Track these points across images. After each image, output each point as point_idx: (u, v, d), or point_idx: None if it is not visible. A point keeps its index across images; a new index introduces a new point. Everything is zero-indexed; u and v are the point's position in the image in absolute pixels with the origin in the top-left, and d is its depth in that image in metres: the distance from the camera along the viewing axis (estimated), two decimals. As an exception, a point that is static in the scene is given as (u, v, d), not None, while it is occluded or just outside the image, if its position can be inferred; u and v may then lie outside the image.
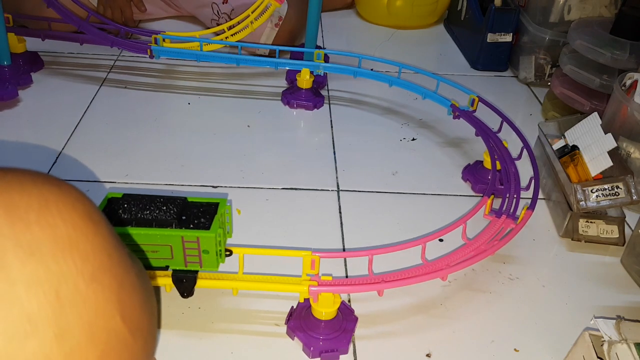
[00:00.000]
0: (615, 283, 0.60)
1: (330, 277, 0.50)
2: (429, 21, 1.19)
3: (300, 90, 0.87)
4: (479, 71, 1.02)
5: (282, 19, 0.95)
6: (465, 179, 0.73)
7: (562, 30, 0.92)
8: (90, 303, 0.23)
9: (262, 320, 0.53)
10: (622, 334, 0.43)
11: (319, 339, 0.49)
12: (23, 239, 0.22)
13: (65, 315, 0.22)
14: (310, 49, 0.87)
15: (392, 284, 0.50)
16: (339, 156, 0.77)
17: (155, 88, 0.90)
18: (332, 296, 0.49)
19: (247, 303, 0.54)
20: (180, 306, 0.53)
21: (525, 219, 0.59)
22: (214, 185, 0.70)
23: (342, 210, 0.68)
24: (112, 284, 0.25)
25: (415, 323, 0.54)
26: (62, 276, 0.22)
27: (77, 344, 0.22)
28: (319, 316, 0.50)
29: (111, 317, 0.24)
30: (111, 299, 0.24)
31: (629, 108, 0.68)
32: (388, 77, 0.82)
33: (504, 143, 0.70)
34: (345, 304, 0.53)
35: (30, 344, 0.21)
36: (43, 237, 0.22)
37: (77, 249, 0.23)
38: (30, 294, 0.21)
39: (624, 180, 0.62)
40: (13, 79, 0.84)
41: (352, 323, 0.51)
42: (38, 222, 0.22)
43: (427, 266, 0.53)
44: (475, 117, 0.75)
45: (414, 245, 0.55)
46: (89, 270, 0.24)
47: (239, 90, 0.91)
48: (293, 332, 0.51)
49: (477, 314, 0.55)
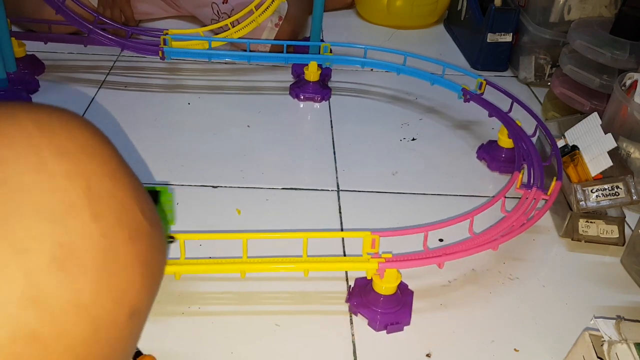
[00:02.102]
0: (615, 283, 0.60)
1: (390, 254, 0.53)
2: (429, 21, 1.18)
3: (308, 83, 0.88)
4: (479, 71, 1.02)
5: (282, 19, 0.96)
6: (481, 158, 0.77)
7: (562, 30, 0.92)
8: (116, 195, 0.27)
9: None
10: (622, 334, 0.43)
11: (381, 312, 0.53)
12: (54, 142, 0.25)
13: (97, 203, 0.26)
14: (316, 43, 0.88)
15: (452, 257, 0.53)
16: (339, 156, 0.77)
17: (156, 88, 0.90)
18: (395, 272, 0.52)
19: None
20: (180, 305, 0.54)
21: (556, 189, 0.62)
22: (214, 185, 0.70)
23: (342, 210, 0.68)
24: (130, 182, 0.28)
25: (415, 323, 0.54)
26: (90, 173, 0.26)
27: (110, 226, 0.26)
28: (382, 291, 0.52)
29: (133, 209, 0.27)
30: (132, 196, 0.28)
31: (629, 108, 0.68)
32: (395, 65, 0.84)
33: (517, 122, 0.73)
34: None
35: (74, 222, 0.24)
36: (68, 142, 0.26)
37: (98, 153, 0.27)
38: (68, 185, 0.25)
39: (624, 180, 0.62)
40: (21, 84, 0.83)
41: (410, 296, 0.54)
42: (61, 132, 0.26)
43: (478, 238, 0.57)
44: (485, 99, 0.78)
45: (464, 219, 0.57)
46: (110, 169, 0.27)
47: (244, 86, 0.91)
48: (356, 309, 0.53)
49: (477, 314, 0.55)
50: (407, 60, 0.84)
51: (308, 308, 0.55)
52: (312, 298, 0.56)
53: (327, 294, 0.57)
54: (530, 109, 0.75)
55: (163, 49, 0.83)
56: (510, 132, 0.73)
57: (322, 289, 0.57)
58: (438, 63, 0.83)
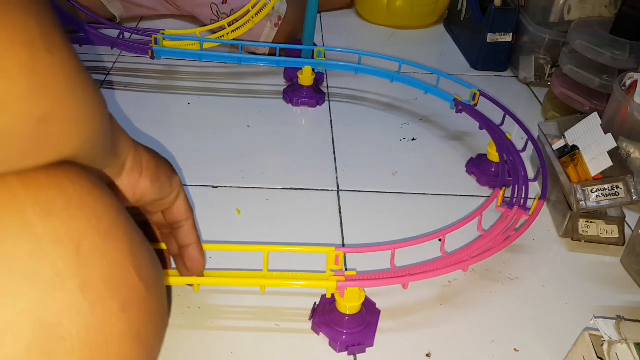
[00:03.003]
0: (615, 283, 0.60)
1: (354, 272, 0.51)
2: (429, 21, 1.18)
3: (302, 88, 0.87)
4: (479, 71, 1.02)
5: (281, 19, 0.95)
6: (470, 172, 0.74)
7: (562, 30, 0.92)
8: (108, 257, 0.24)
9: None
10: (622, 334, 0.43)
11: (344, 332, 0.50)
12: (39, 199, 0.23)
13: (87, 269, 0.23)
14: (309, 47, 0.87)
15: (417, 277, 0.51)
16: (339, 156, 0.77)
17: (155, 89, 0.90)
18: (358, 291, 0.50)
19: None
20: (180, 306, 0.54)
21: (538, 208, 0.60)
22: (214, 185, 0.70)
23: (342, 210, 0.68)
24: (125, 239, 0.26)
25: (415, 323, 0.54)
26: (80, 232, 0.23)
27: (100, 296, 0.23)
28: (344, 310, 0.50)
29: (128, 271, 0.25)
30: (126, 253, 0.25)
31: (629, 108, 0.68)
32: (389, 73, 0.83)
33: (508, 135, 0.71)
34: (368, 298, 0.54)
35: (59, 296, 0.22)
36: (56, 197, 0.23)
37: (89, 207, 0.24)
38: (55, 250, 0.22)
39: (624, 180, 0.62)
40: None
41: (376, 316, 0.52)
42: (49, 184, 0.23)
43: (448, 258, 0.55)
44: (477, 110, 0.76)
45: (433, 238, 0.56)
46: (103, 225, 0.25)
47: (239, 89, 0.91)
48: (319, 328, 0.52)
49: (477, 314, 0.55)
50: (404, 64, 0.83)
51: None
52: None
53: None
54: (522, 123, 0.73)
55: (153, 48, 0.83)
56: (498, 147, 0.70)
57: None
58: (433, 72, 0.81)
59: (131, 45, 0.85)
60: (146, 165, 0.34)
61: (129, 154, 0.32)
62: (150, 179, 0.35)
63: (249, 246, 0.55)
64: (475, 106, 0.77)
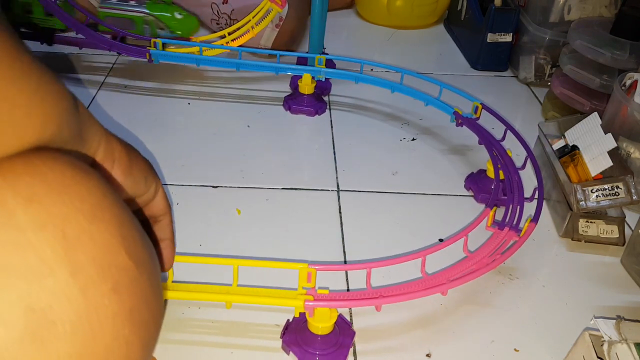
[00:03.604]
0: (615, 283, 0.60)
1: (327, 290, 0.49)
2: (429, 21, 1.18)
3: (302, 96, 0.86)
4: (479, 71, 1.02)
5: (282, 20, 0.95)
6: (468, 188, 0.72)
7: (562, 30, 0.92)
8: (96, 239, 0.24)
9: (255, 334, 0.52)
10: (622, 334, 0.43)
11: (315, 354, 0.48)
12: (18, 187, 0.23)
13: (75, 253, 0.23)
14: (312, 54, 0.86)
15: (390, 299, 0.49)
16: (339, 156, 0.77)
17: (155, 91, 0.90)
18: (328, 311, 0.48)
19: (242, 315, 0.54)
20: (176, 311, 0.54)
21: (529, 231, 0.57)
22: (214, 185, 0.70)
23: (342, 210, 0.68)
24: (113, 220, 0.25)
25: (415, 323, 0.54)
26: (63, 217, 0.23)
27: (90, 279, 0.23)
28: (315, 331, 0.49)
29: (117, 253, 0.25)
30: (115, 235, 0.25)
31: (629, 108, 0.68)
32: (390, 82, 0.81)
33: (508, 152, 0.68)
34: (343, 318, 0.52)
35: (48, 283, 0.22)
36: (36, 184, 0.23)
37: (72, 191, 0.24)
38: (40, 238, 0.22)
39: (624, 180, 0.62)
40: None
41: (349, 338, 0.50)
42: (26, 172, 0.23)
43: (426, 281, 0.52)
44: (478, 124, 0.73)
45: (413, 258, 0.54)
46: (88, 208, 0.24)
47: (240, 95, 0.90)
48: (288, 347, 0.49)
49: (476, 314, 0.55)
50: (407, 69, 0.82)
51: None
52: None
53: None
54: (523, 139, 0.70)
55: (150, 51, 0.82)
56: (494, 164, 0.67)
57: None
58: (436, 83, 0.78)
59: (129, 48, 0.85)
60: (118, 156, 0.34)
61: (100, 144, 0.32)
62: (123, 172, 0.34)
63: (218, 259, 0.52)
64: (477, 119, 0.74)
